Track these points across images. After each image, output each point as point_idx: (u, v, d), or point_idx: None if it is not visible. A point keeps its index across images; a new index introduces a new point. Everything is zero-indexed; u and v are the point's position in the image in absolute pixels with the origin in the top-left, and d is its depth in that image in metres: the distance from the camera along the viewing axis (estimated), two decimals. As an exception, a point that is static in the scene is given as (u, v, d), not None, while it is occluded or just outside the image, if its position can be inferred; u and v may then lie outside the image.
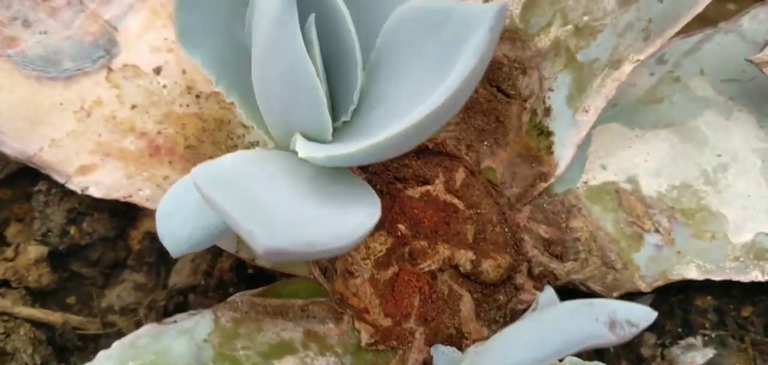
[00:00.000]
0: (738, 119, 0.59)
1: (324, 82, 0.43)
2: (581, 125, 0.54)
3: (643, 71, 0.60)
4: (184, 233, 0.43)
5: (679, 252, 0.55)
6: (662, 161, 0.57)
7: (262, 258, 0.40)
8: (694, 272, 0.54)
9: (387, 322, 0.48)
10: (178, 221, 0.43)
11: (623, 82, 0.53)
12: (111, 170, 0.51)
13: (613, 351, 0.56)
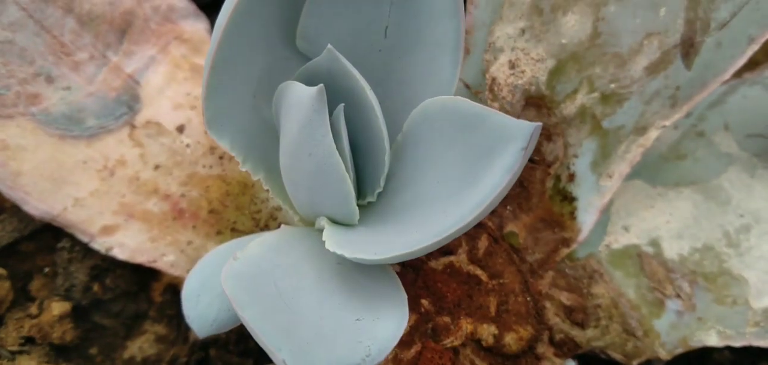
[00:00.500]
0: (762, 177, 0.59)
1: (351, 168, 0.42)
2: (605, 191, 0.54)
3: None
4: (210, 315, 0.43)
5: (699, 318, 0.54)
6: (685, 221, 0.57)
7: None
8: (714, 339, 0.54)
9: (409, 396, 0.48)
10: (204, 303, 0.44)
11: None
12: (134, 232, 0.51)
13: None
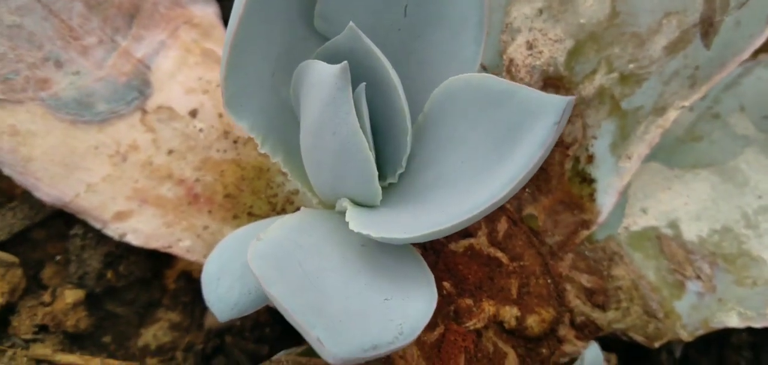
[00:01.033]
0: (779, 158, 0.58)
1: (372, 148, 0.42)
2: (624, 172, 0.53)
3: (682, 106, 0.59)
4: (231, 298, 0.43)
5: (720, 300, 0.54)
6: (703, 203, 0.57)
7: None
8: (735, 320, 0.54)
9: (431, 380, 0.47)
10: (225, 286, 0.43)
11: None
12: (149, 218, 0.51)
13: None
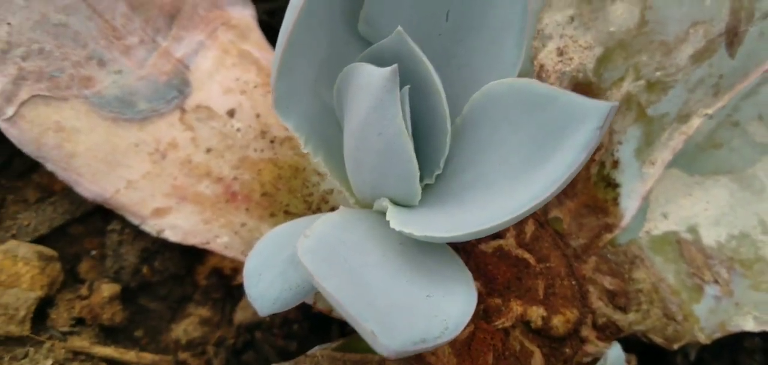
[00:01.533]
0: (794, 167, 0.60)
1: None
2: (647, 178, 0.55)
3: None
4: (273, 293, 0.44)
5: (737, 304, 0.56)
6: (721, 209, 0.58)
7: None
8: (751, 324, 0.55)
9: (461, 377, 0.49)
10: (266, 281, 0.44)
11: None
12: (187, 214, 0.52)
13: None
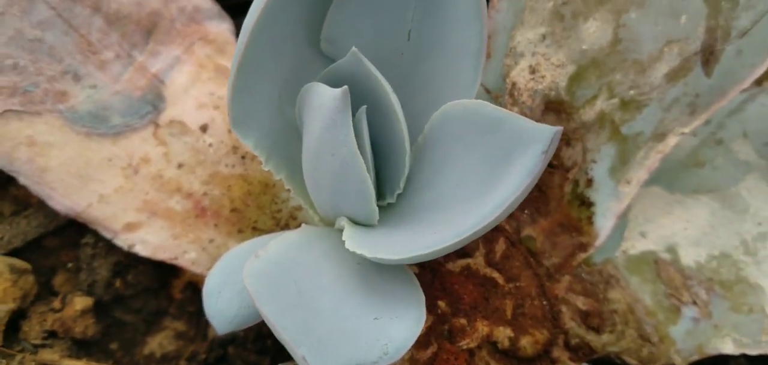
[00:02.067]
0: (780, 186, 0.59)
1: (371, 169, 0.43)
2: (623, 197, 0.54)
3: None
4: (231, 312, 0.44)
5: (715, 326, 0.54)
6: (702, 229, 0.57)
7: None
8: (730, 347, 0.54)
9: (425, 396, 0.48)
10: (225, 300, 0.44)
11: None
12: (157, 229, 0.52)
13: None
